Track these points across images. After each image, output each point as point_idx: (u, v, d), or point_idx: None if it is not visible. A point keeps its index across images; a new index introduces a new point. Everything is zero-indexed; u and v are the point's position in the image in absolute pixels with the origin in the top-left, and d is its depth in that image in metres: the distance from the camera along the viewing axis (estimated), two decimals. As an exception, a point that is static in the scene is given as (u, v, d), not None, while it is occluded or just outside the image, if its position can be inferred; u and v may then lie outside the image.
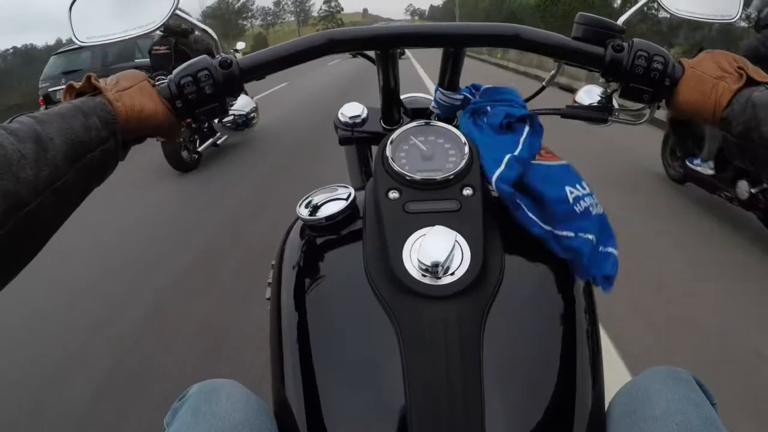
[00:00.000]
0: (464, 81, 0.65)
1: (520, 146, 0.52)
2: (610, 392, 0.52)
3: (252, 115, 0.62)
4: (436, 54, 0.65)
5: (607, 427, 0.49)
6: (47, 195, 0.40)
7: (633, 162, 3.75)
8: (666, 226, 2.69)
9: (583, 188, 0.53)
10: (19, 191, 0.38)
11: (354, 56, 0.87)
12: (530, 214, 0.50)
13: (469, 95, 0.63)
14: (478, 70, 11.73)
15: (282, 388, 0.49)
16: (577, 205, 0.51)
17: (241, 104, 0.61)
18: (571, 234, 0.50)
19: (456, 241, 0.45)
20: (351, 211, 0.56)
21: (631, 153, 3.94)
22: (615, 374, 1.46)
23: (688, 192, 3.08)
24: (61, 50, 7.63)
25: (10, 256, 0.39)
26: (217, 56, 0.53)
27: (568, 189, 0.52)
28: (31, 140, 0.40)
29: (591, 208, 0.52)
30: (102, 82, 0.49)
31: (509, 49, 10.41)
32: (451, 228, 0.46)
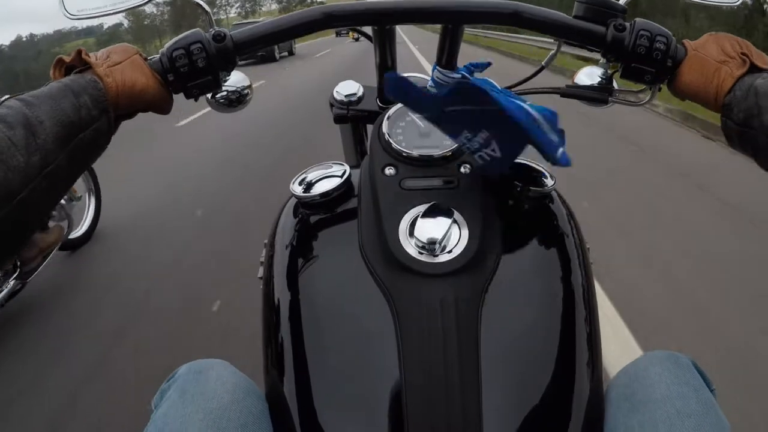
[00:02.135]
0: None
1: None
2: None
3: (246, 91, 0.60)
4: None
5: (606, 410, 0.49)
6: (39, 181, 0.39)
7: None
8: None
9: None
10: (10, 180, 0.37)
11: (356, 39, 0.85)
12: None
13: (467, 74, 0.62)
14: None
15: (274, 369, 0.48)
16: None
17: (235, 80, 0.59)
18: None
19: (453, 218, 0.45)
20: (346, 188, 0.55)
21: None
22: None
23: None
24: (237, 22, 7.88)
25: (2, 243, 0.38)
26: (210, 30, 0.51)
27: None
28: (21, 125, 0.39)
29: None
30: (93, 57, 0.48)
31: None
32: (449, 205, 0.45)
